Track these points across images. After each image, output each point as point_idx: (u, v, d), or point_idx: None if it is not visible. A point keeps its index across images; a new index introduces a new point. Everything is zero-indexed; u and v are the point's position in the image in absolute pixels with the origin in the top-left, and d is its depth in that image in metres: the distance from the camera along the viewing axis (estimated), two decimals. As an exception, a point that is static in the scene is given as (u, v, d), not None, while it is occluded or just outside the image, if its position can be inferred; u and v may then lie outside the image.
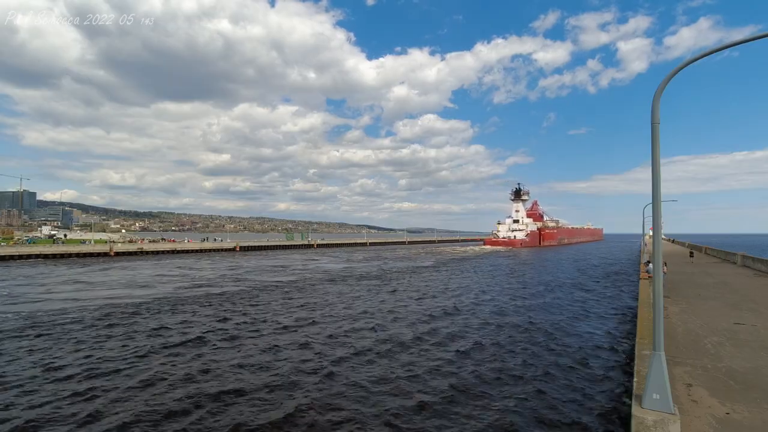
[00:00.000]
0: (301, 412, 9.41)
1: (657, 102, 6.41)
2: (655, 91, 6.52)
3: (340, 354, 13.76)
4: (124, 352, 13.89)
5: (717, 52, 6.57)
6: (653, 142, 6.42)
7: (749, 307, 15.21)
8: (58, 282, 32.80)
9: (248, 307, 22.40)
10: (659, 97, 6.46)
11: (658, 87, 6.53)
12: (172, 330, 17.01)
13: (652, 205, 6.62)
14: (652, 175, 6.47)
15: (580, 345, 15.15)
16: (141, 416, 9.19)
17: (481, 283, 34.26)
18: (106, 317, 19.47)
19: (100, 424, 8.84)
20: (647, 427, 5.71)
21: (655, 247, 7.25)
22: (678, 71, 6.63)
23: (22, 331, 16.64)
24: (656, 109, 6.37)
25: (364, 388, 10.79)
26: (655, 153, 6.43)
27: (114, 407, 9.68)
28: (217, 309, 21.67)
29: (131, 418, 9.05)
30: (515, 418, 9.12)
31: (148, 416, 9.20)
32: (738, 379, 8.00)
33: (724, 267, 32.40)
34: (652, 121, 6.38)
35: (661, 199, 6.57)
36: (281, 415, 9.22)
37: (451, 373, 12.01)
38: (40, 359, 13.14)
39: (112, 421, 8.95)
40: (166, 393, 10.50)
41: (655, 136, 6.40)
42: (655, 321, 6.31)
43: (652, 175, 6.47)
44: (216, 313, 20.63)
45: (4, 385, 10.92)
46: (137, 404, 9.83)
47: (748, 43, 6.54)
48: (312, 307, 22.52)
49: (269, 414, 9.33)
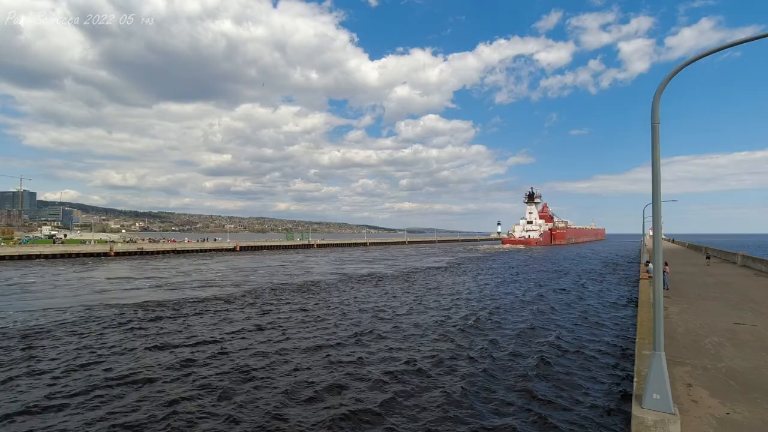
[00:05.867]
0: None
1: (657, 102, 6.40)
2: (655, 91, 6.52)
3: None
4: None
5: (717, 52, 6.56)
6: (653, 142, 6.41)
7: (749, 307, 15.20)
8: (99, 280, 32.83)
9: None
10: (659, 97, 6.45)
11: (658, 87, 6.52)
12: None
13: (652, 205, 6.61)
14: (652, 175, 6.46)
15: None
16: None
17: (547, 267, 47.98)
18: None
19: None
20: (647, 427, 5.70)
21: (656, 247, 7.24)
22: (678, 71, 6.62)
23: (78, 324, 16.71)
24: (656, 109, 6.36)
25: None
26: (655, 153, 6.42)
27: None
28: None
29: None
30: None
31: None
32: (738, 379, 7.98)
33: (725, 267, 32.38)
34: (653, 121, 6.36)
35: (661, 199, 6.56)
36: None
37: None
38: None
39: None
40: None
41: (655, 136, 6.39)
42: (655, 321, 6.30)
43: (652, 175, 6.46)
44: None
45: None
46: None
47: (750, 43, 6.53)
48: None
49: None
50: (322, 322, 18.72)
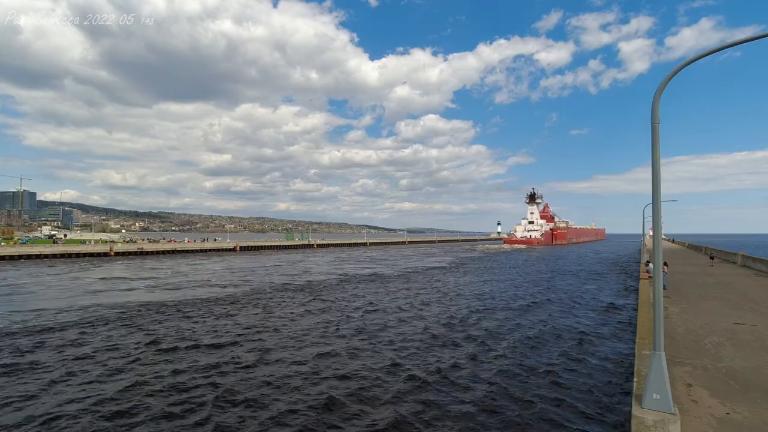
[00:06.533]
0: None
1: (657, 102, 6.39)
2: (655, 91, 6.51)
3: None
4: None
5: (717, 52, 6.56)
6: (653, 142, 6.40)
7: (749, 307, 15.20)
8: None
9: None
10: (659, 97, 6.44)
11: (658, 87, 6.51)
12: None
13: (652, 205, 6.60)
14: (652, 175, 6.45)
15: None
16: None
17: (551, 266, 50.23)
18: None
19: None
20: (647, 427, 5.69)
21: (656, 247, 7.24)
22: (678, 71, 6.61)
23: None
24: (656, 109, 6.36)
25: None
26: (655, 153, 6.42)
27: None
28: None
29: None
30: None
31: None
32: (738, 379, 7.98)
33: (725, 267, 32.37)
34: (652, 121, 6.36)
35: (661, 199, 6.55)
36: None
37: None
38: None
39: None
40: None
41: (655, 136, 6.38)
42: (655, 321, 6.29)
43: (652, 175, 6.45)
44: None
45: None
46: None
47: (750, 43, 6.53)
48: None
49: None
50: (324, 323, 18.72)
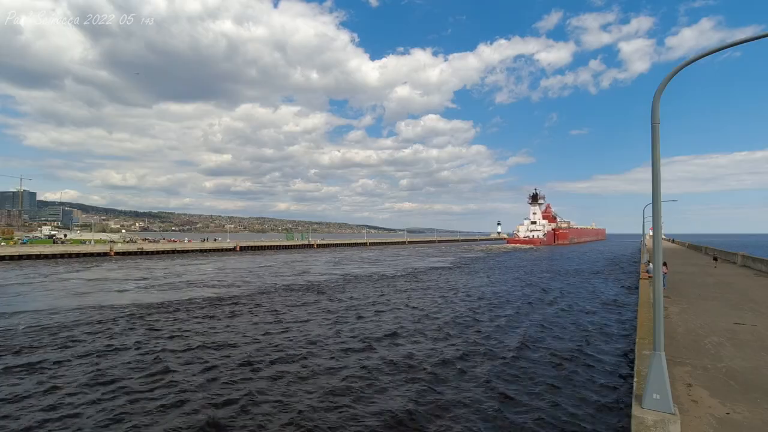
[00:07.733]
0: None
1: (657, 102, 6.39)
2: (655, 91, 6.51)
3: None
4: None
5: (717, 52, 6.56)
6: (653, 142, 6.40)
7: (749, 307, 15.20)
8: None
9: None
10: (659, 97, 6.44)
11: (658, 87, 6.51)
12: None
13: (652, 205, 6.60)
14: (652, 175, 6.45)
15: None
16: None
17: (554, 266, 51.53)
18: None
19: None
20: (647, 427, 5.69)
21: (656, 247, 7.24)
22: (678, 71, 6.61)
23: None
24: (656, 109, 6.36)
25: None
26: (655, 153, 6.42)
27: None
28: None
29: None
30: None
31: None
32: (738, 379, 7.98)
33: (725, 267, 32.37)
34: (652, 121, 6.36)
35: (661, 199, 6.55)
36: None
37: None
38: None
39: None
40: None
41: (655, 136, 6.38)
42: (655, 321, 6.29)
43: (652, 175, 6.45)
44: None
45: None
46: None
47: (750, 43, 6.53)
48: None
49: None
50: (327, 323, 18.73)
